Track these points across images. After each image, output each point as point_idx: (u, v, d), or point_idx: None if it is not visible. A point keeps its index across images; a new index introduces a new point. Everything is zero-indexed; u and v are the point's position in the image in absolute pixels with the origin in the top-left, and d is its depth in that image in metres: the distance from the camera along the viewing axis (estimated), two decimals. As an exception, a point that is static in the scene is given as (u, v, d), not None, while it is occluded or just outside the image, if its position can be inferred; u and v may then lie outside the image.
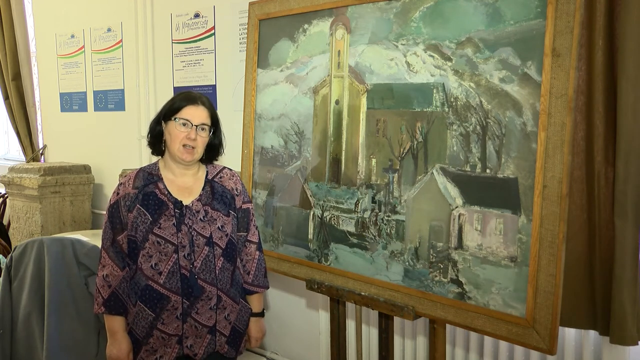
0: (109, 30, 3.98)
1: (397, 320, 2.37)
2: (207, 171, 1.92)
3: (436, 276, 1.76)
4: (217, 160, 1.96)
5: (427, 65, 1.78)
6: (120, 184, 1.86)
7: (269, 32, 2.32)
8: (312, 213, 2.14)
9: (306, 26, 2.16)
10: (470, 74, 1.68)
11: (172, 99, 1.86)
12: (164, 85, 3.62)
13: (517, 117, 1.59)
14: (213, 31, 3.24)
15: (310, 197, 2.15)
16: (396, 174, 1.87)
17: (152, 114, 1.95)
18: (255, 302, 1.98)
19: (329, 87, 2.09)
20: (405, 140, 1.85)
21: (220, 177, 1.92)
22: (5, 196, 4.65)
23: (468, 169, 1.69)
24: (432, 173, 1.77)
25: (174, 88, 3.51)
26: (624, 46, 1.76)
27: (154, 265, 1.77)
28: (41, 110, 4.79)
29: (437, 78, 1.76)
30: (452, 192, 1.73)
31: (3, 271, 2.85)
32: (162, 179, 1.85)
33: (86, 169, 4.08)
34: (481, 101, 1.66)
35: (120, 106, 3.97)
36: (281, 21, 2.26)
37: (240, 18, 3.05)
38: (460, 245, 1.71)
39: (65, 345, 2.66)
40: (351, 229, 2.00)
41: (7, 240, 4.40)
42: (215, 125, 1.87)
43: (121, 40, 3.89)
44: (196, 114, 1.80)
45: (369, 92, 1.95)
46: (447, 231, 1.73)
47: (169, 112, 1.82)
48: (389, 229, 1.89)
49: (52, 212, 3.90)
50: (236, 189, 1.92)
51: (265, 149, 2.34)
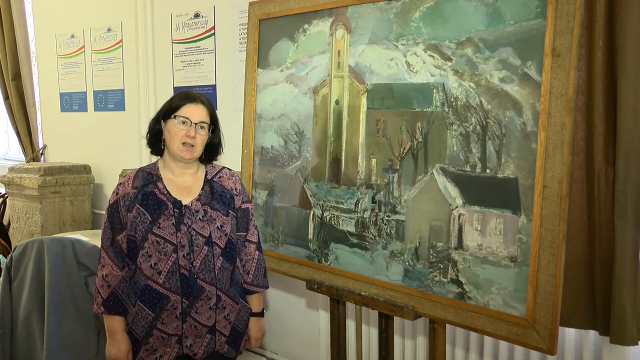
0: (109, 30, 3.98)
1: (397, 320, 2.37)
2: (206, 171, 1.92)
3: (436, 276, 1.76)
4: (216, 160, 1.96)
5: (427, 65, 1.78)
6: (119, 183, 1.86)
7: (269, 32, 2.32)
8: (312, 213, 2.14)
9: (306, 26, 2.16)
10: (470, 74, 1.68)
11: (172, 98, 1.86)
12: (164, 85, 3.62)
13: (517, 117, 1.59)
14: (213, 31, 3.24)
15: (310, 197, 2.15)
16: (396, 174, 1.87)
17: (152, 114, 1.94)
18: (254, 302, 1.98)
19: (329, 87, 2.09)
20: (405, 140, 1.85)
21: (220, 177, 1.92)
22: (5, 196, 4.65)
23: (468, 169, 1.69)
24: (432, 173, 1.77)
25: (174, 88, 3.51)
26: (624, 46, 1.76)
27: (153, 265, 1.77)
28: (41, 110, 4.78)
29: (437, 78, 1.76)
30: (452, 192, 1.73)
31: (3, 271, 2.85)
32: (161, 178, 1.85)
33: (86, 169, 4.08)
34: (481, 101, 1.66)
35: (120, 106, 3.97)
36: (281, 21, 2.26)
37: (240, 18, 3.05)
38: (460, 245, 1.71)
39: (65, 345, 2.66)
40: (351, 229, 2.00)
41: (7, 240, 4.40)
42: (214, 124, 1.87)
43: (121, 40, 3.89)
44: (195, 112, 1.81)
45: (369, 92, 1.95)
46: (447, 231, 1.73)
47: (168, 110, 1.82)
48: (389, 229, 1.89)
49: (52, 212, 3.90)
50: (235, 189, 1.92)
51: (265, 149, 2.34)
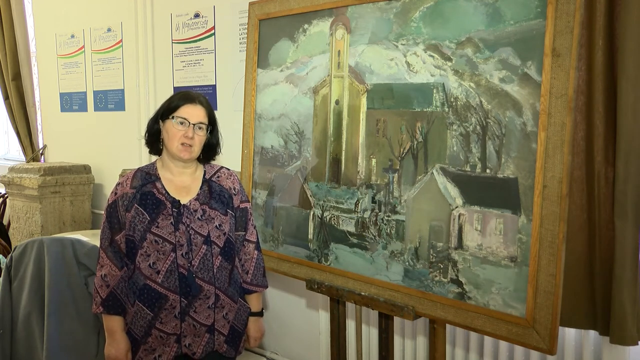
0: (109, 30, 3.98)
1: (397, 320, 2.37)
2: (204, 170, 1.92)
3: (436, 276, 1.76)
4: (214, 159, 1.96)
5: (427, 65, 1.78)
6: (118, 183, 1.86)
7: (269, 32, 2.31)
8: (312, 213, 2.14)
9: (306, 26, 2.16)
10: (470, 74, 1.68)
11: (170, 98, 1.86)
12: (164, 85, 3.62)
13: (517, 117, 1.59)
14: (213, 31, 3.24)
15: (310, 197, 2.15)
16: (396, 174, 1.87)
17: (152, 114, 1.94)
18: (254, 302, 1.97)
19: (329, 87, 2.09)
20: (405, 140, 1.85)
21: (218, 177, 1.92)
22: (5, 196, 4.65)
23: (468, 169, 1.69)
24: (432, 173, 1.77)
25: (174, 88, 3.51)
26: (624, 46, 1.76)
27: (152, 265, 1.77)
28: (41, 110, 4.78)
29: (437, 78, 1.76)
30: (452, 192, 1.72)
31: (3, 271, 2.85)
32: (159, 178, 1.85)
33: (86, 169, 4.08)
34: (481, 101, 1.66)
35: (120, 106, 3.97)
36: (281, 21, 2.26)
37: (240, 18, 3.05)
38: (460, 245, 1.71)
39: (65, 345, 2.66)
40: (351, 229, 2.00)
41: (7, 240, 4.40)
42: (212, 124, 1.87)
43: (121, 40, 3.89)
44: (194, 112, 1.80)
45: (369, 92, 1.95)
46: (447, 231, 1.73)
47: (166, 111, 1.82)
48: (389, 229, 1.88)
49: (52, 212, 3.90)
50: (234, 188, 1.92)
51: (265, 149, 2.34)
